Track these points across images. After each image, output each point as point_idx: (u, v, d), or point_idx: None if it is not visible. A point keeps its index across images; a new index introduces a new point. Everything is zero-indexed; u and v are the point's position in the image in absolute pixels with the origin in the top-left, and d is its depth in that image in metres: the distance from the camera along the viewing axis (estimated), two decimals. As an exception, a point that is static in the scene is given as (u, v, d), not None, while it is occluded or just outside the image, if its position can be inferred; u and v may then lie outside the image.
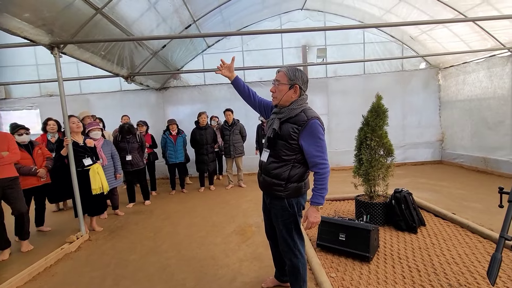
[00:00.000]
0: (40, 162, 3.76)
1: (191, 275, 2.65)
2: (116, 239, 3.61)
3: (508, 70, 5.41)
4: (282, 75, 1.87)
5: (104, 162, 4.15)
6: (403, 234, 3.20)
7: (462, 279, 2.30)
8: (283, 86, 1.85)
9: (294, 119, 1.83)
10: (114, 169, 4.37)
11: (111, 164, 4.33)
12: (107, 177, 4.25)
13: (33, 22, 2.89)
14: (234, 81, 2.16)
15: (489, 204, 4.03)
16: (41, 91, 7.26)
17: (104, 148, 4.24)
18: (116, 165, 4.40)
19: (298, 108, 1.84)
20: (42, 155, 3.82)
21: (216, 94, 7.26)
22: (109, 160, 4.28)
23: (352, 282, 2.35)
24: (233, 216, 4.22)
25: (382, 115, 3.41)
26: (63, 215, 4.74)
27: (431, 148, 7.40)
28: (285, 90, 1.85)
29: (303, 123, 1.79)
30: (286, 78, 1.85)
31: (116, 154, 4.44)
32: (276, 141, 1.87)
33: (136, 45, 4.86)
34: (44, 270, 2.89)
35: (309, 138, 1.78)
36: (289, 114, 1.85)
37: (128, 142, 4.84)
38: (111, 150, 4.37)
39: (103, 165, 4.14)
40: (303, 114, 1.82)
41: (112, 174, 4.35)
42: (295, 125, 1.81)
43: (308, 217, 1.86)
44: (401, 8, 5.96)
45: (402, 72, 7.24)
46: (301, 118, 1.81)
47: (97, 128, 4.19)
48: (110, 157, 4.32)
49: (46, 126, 4.45)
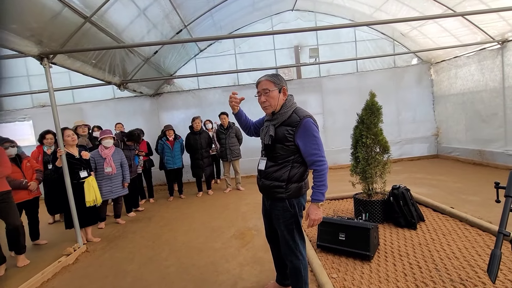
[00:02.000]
0: (30, 175, 3.69)
1: (191, 283, 2.62)
2: (114, 249, 3.56)
3: (498, 62, 5.47)
4: (267, 83, 1.88)
5: (113, 171, 4.13)
6: (403, 231, 3.19)
7: (463, 273, 2.29)
8: (273, 92, 1.87)
9: (287, 121, 1.86)
10: (122, 178, 4.34)
11: (119, 173, 4.29)
12: (115, 186, 4.25)
13: (20, 33, 2.85)
14: (237, 113, 2.12)
15: (487, 196, 4.05)
16: (33, 102, 7.18)
17: (114, 157, 4.22)
18: (125, 174, 4.37)
19: (289, 110, 1.88)
20: (31, 167, 3.75)
21: (211, 98, 7.24)
22: (118, 169, 4.24)
23: (353, 282, 2.33)
24: (232, 220, 4.19)
25: (376, 113, 3.42)
26: (59, 227, 4.65)
27: (427, 143, 7.45)
28: (277, 95, 1.87)
29: (297, 124, 1.81)
30: (273, 84, 1.87)
31: (125, 162, 4.41)
32: (274, 145, 1.88)
33: (128, 52, 4.83)
34: (42, 285, 2.83)
35: (304, 137, 1.80)
36: (283, 118, 1.87)
37: (131, 150, 4.82)
38: (121, 158, 4.35)
39: (112, 174, 4.12)
40: (295, 115, 1.85)
41: (120, 182, 4.31)
42: (289, 126, 1.83)
43: (310, 214, 1.85)
44: (391, 6, 6.01)
45: (395, 68, 7.29)
46: (294, 119, 1.84)
47: (109, 137, 4.21)
48: (119, 166, 4.29)
49: (43, 140, 4.33)
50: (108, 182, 4.16)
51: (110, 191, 4.19)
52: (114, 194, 4.26)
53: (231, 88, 7.21)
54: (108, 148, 4.18)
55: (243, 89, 7.10)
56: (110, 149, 4.21)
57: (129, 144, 4.81)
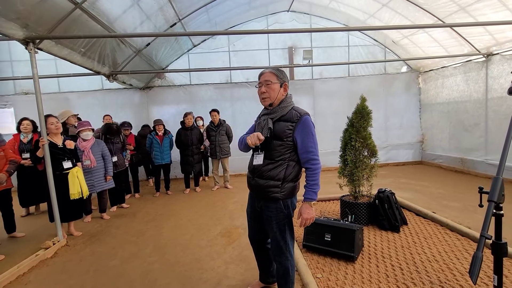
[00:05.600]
0: (1, 165, 3.39)
1: (175, 280, 2.58)
2: (96, 244, 3.46)
3: (483, 74, 5.68)
4: (271, 75, 1.87)
5: (92, 163, 3.98)
6: (387, 233, 3.26)
7: (442, 276, 2.37)
8: (275, 85, 1.86)
9: (285, 117, 1.86)
10: (104, 171, 4.19)
11: (101, 166, 4.15)
12: (97, 179, 4.11)
13: (5, 15, 2.72)
14: None
15: (467, 203, 4.20)
16: (15, 89, 6.88)
17: (94, 149, 4.06)
18: (107, 167, 4.22)
19: (288, 106, 1.88)
20: (4, 157, 3.44)
21: (202, 94, 7.16)
22: (99, 162, 4.09)
23: (337, 282, 2.36)
24: (219, 218, 4.16)
25: (366, 117, 3.48)
26: (37, 220, 4.48)
27: (412, 149, 7.65)
28: (277, 88, 1.87)
29: (297, 119, 1.82)
30: (276, 77, 1.87)
31: (107, 155, 4.25)
32: (271, 140, 1.85)
33: (119, 43, 4.70)
34: (16, 279, 2.71)
35: (304, 134, 1.80)
36: (282, 113, 1.87)
37: (113, 143, 4.66)
38: (101, 150, 4.19)
39: (91, 167, 3.99)
40: (295, 111, 1.86)
41: (102, 176, 4.17)
42: (289, 122, 1.83)
43: (302, 214, 1.84)
44: (384, 13, 6.14)
45: (385, 75, 7.45)
46: (293, 115, 1.84)
47: (88, 129, 4.04)
48: (100, 158, 4.14)
49: (20, 126, 4.19)
50: (89, 176, 4.00)
51: (92, 185, 4.03)
52: (97, 188, 4.13)
53: (223, 85, 7.17)
54: (86, 141, 4.02)
55: (236, 87, 7.07)
56: (88, 141, 4.04)
57: (112, 138, 4.66)
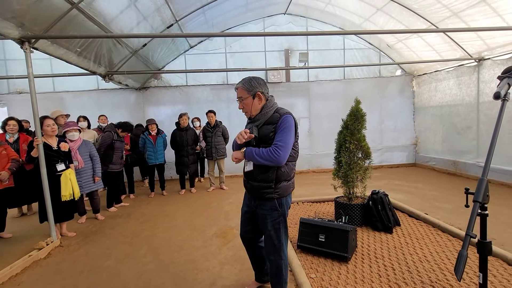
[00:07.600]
0: (4, 164, 3.46)
1: (169, 281, 2.58)
2: (90, 245, 3.44)
3: (474, 79, 5.80)
4: (241, 91, 1.96)
5: (80, 164, 3.92)
6: (380, 234, 3.31)
7: (433, 276, 2.42)
8: (247, 99, 1.94)
9: (269, 120, 1.92)
10: (92, 172, 4.14)
11: (89, 167, 4.09)
12: (85, 180, 4.05)
13: (0, 14, 2.71)
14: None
15: (458, 204, 4.28)
16: (9, 88, 6.81)
17: (81, 150, 3.99)
18: (95, 167, 4.16)
19: (270, 110, 1.94)
20: (6, 156, 3.51)
21: (198, 95, 7.18)
22: (86, 162, 4.04)
23: (331, 282, 2.39)
24: (214, 218, 4.17)
25: (360, 119, 3.53)
26: (30, 221, 4.44)
27: (406, 151, 7.76)
28: (250, 102, 1.94)
29: (278, 120, 1.88)
30: (245, 92, 1.93)
31: (95, 156, 4.17)
32: (258, 146, 1.91)
33: (115, 43, 4.70)
34: (9, 280, 2.69)
35: (280, 129, 1.86)
36: (265, 118, 1.93)
37: (122, 141, 4.74)
38: (89, 151, 4.11)
39: (79, 168, 3.92)
40: (276, 114, 1.92)
41: (90, 177, 4.12)
42: (271, 124, 1.90)
43: (233, 153, 1.99)
44: (379, 17, 6.24)
45: (380, 78, 7.55)
46: (275, 118, 1.91)
47: (74, 129, 3.94)
48: (88, 159, 4.08)
49: (6, 126, 4.07)
50: (77, 177, 3.86)
51: (80, 186, 3.90)
52: (86, 189, 4.06)
53: (220, 86, 7.19)
54: (73, 141, 3.93)
55: (232, 89, 7.01)
56: (76, 142, 3.95)
57: (122, 135, 4.67)
